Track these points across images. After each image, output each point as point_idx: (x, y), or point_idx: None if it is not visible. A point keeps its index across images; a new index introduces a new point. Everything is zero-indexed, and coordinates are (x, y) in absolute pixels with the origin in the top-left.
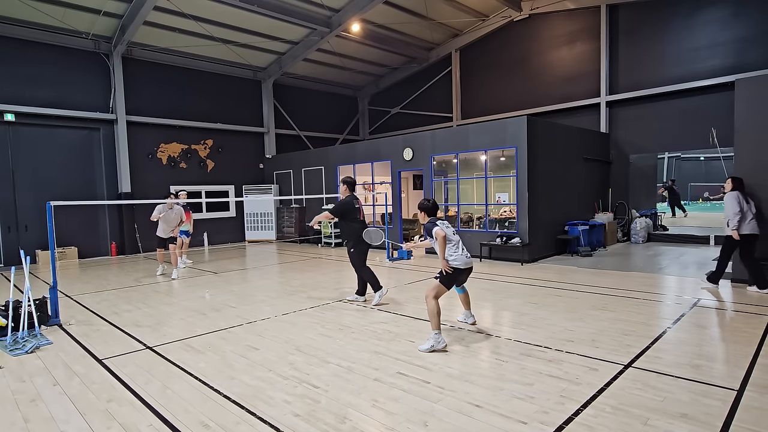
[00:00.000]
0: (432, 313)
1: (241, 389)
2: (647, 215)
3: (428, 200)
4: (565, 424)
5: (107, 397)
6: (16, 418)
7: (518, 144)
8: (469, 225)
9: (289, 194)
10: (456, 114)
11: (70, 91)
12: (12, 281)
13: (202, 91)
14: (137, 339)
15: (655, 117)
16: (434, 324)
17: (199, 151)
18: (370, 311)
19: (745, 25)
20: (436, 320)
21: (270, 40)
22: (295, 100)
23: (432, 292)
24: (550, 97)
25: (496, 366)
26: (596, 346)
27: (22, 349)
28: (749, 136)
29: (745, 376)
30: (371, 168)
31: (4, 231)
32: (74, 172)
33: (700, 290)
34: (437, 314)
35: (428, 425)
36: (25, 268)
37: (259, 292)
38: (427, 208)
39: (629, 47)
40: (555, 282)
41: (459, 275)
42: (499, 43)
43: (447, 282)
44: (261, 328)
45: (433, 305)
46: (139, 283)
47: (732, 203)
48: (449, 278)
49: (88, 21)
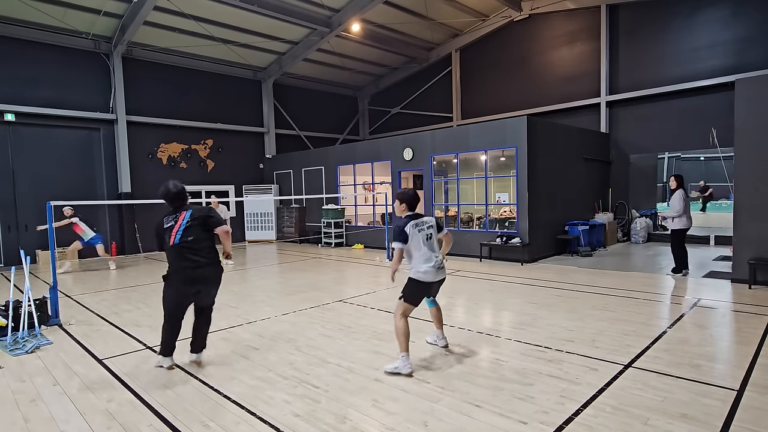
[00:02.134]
0: (398, 333)
1: (241, 389)
2: (647, 215)
3: (409, 189)
4: (565, 424)
5: (107, 397)
6: (16, 418)
7: (518, 144)
8: (469, 225)
9: (289, 194)
10: (456, 114)
11: (70, 91)
12: (12, 281)
13: (202, 91)
14: (137, 339)
15: (655, 117)
16: (402, 346)
17: (199, 151)
18: (370, 311)
19: (745, 25)
20: (403, 342)
21: (270, 40)
22: (295, 100)
23: (398, 311)
24: (550, 97)
25: (496, 366)
26: (596, 346)
27: (22, 349)
28: (749, 136)
29: (745, 376)
30: (371, 168)
31: (4, 231)
32: (74, 172)
33: (666, 275)
34: (405, 335)
35: (428, 425)
36: (25, 268)
37: (259, 292)
38: (406, 197)
39: (629, 47)
40: (555, 282)
41: (427, 289)
42: (499, 43)
43: (412, 298)
44: (261, 328)
45: (400, 325)
46: (139, 284)
47: (678, 202)
48: (414, 293)
49: (88, 21)
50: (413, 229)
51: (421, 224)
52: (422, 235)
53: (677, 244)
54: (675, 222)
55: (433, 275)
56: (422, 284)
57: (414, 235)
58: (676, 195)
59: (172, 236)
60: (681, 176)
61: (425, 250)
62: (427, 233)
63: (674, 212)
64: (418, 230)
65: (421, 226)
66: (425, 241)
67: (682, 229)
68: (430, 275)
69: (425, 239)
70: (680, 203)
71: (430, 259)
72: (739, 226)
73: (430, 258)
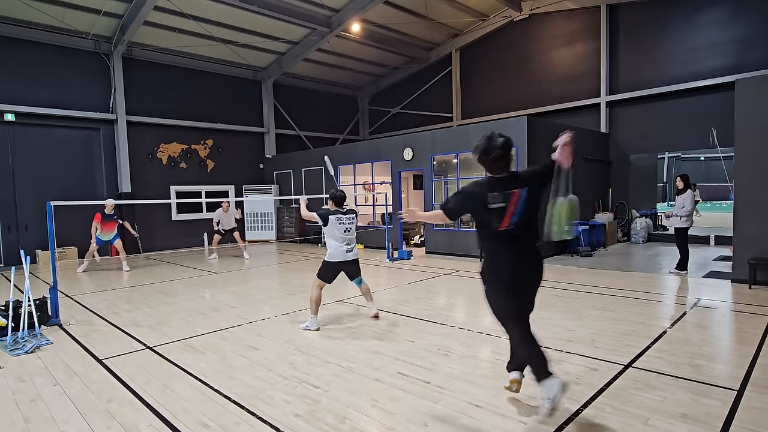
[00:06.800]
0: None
1: (241, 389)
2: (647, 215)
3: (339, 191)
4: (565, 424)
5: (107, 397)
6: (16, 418)
7: (518, 144)
8: (469, 225)
9: (289, 194)
10: (456, 114)
11: (70, 91)
12: (12, 281)
13: (202, 91)
14: (137, 339)
15: (655, 117)
16: (313, 310)
17: (199, 151)
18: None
19: (745, 25)
20: (314, 307)
21: (270, 40)
22: (295, 100)
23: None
24: (550, 97)
25: (496, 366)
26: (596, 346)
27: (22, 349)
28: (749, 136)
29: (745, 376)
30: (371, 168)
31: (4, 231)
32: (74, 172)
33: (669, 274)
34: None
35: (428, 425)
36: (25, 268)
37: (259, 292)
38: (333, 198)
39: (629, 47)
40: (555, 282)
41: (339, 268)
42: (499, 43)
43: (325, 276)
44: (261, 328)
45: (313, 294)
46: (140, 284)
47: (690, 201)
48: (326, 272)
49: (88, 21)
50: (336, 218)
51: (346, 217)
52: (341, 226)
53: (683, 241)
54: (682, 220)
55: (343, 256)
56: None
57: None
58: (688, 194)
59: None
60: (687, 176)
61: (345, 237)
62: (346, 226)
63: (685, 212)
64: (339, 222)
65: (347, 218)
66: (344, 232)
67: (687, 227)
68: (339, 255)
69: (343, 230)
70: (692, 203)
71: (344, 244)
72: (739, 226)
73: (345, 243)
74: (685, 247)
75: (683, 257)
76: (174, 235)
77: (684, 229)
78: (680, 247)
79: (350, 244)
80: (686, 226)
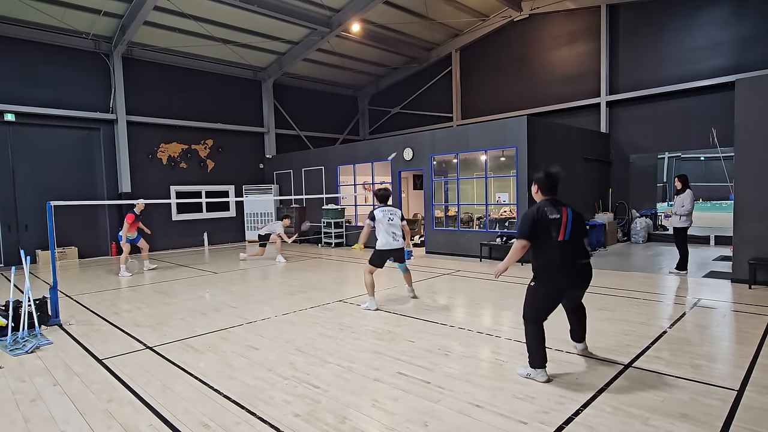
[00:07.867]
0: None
1: (241, 389)
2: (647, 215)
3: (381, 189)
4: (565, 424)
5: (107, 397)
6: (16, 418)
7: (518, 144)
8: (469, 225)
9: (289, 194)
10: (456, 114)
11: (70, 91)
12: (12, 281)
13: (202, 91)
14: (137, 339)
15: (655, 117)
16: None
17: (199, 151)
18: (371, 311)
19: (745, 25)
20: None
21: (270, 40)
22: (295, 100)
23: (366, 269)
24: (550, 97)
25: (496, 366)
26: (596, 346)
27: (22, 349)
28: (749, 136)
29: (745, 376)
30: (371, 168)
31: (4, 231)
32: (74, 172)
33: (669, 274)
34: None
35: (428, 425)
36: (25, 268)
37: (259, 292)
38: (377, 195)
39: (629, 47)
40: None
41: (388, 254)
42: (499, 43)
43: (375, 261)
44: (261, 328)
45: (367, 280)
46: (140, 284)
47: (690, 201)
48: (377, 258)
49: (88, 21)
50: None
51: (387, 209)
52: (385, 217)
53: (683, 241)
54: (681, 220)
55: (390, 244)
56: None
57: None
58: (688, 194)
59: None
60: (686, 176)
61: (387, 227)
62: (389, 216)
63: (685, 211)
64: (382, 213)
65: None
66: (388, 221)
67: (686, 227)
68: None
69: (387, 220)
70: (691, 202)
71: (389, 233)
72: (739, 226)
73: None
74: (685, 247)
75: (683, 257)
76: (174, 235)
77: (683, 229)
78: (680, 247)
79: (396, 232)
80: (685, 226)
